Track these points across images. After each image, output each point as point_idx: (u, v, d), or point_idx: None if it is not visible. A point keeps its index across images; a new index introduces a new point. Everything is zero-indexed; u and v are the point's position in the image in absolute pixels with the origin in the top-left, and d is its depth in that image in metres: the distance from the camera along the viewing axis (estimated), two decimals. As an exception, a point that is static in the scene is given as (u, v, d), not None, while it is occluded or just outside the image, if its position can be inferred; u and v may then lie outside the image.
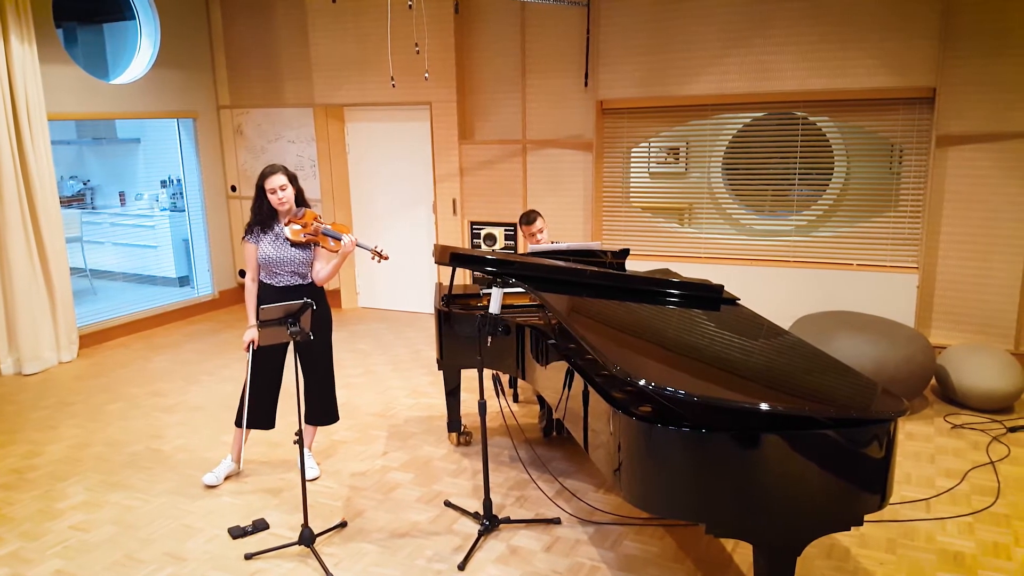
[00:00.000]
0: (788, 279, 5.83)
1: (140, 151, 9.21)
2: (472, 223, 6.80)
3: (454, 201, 6.80)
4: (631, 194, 6.36)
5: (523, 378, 3.80)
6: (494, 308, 3.46)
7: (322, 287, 3.99)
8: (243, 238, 3.90)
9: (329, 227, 3.88)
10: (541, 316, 3.95)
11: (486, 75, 6.56)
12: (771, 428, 2.39)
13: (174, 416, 5.04)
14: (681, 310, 3.51)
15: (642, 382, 2.45)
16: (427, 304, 7.43)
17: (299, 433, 3.36)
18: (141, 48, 7.09)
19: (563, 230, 6.42)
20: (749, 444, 2.38)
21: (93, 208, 9.37)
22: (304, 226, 3.84)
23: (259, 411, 4.01)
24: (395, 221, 7.42)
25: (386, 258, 3.91)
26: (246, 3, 7.27)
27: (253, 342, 3.77)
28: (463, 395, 4.62)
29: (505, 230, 6.64)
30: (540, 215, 4.83)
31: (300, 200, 3.91)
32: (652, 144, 6.20)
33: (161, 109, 7.11)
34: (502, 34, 6.40)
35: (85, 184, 9.57)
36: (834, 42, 5.38)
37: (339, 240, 3.83)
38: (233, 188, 7.83)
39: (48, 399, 5.40)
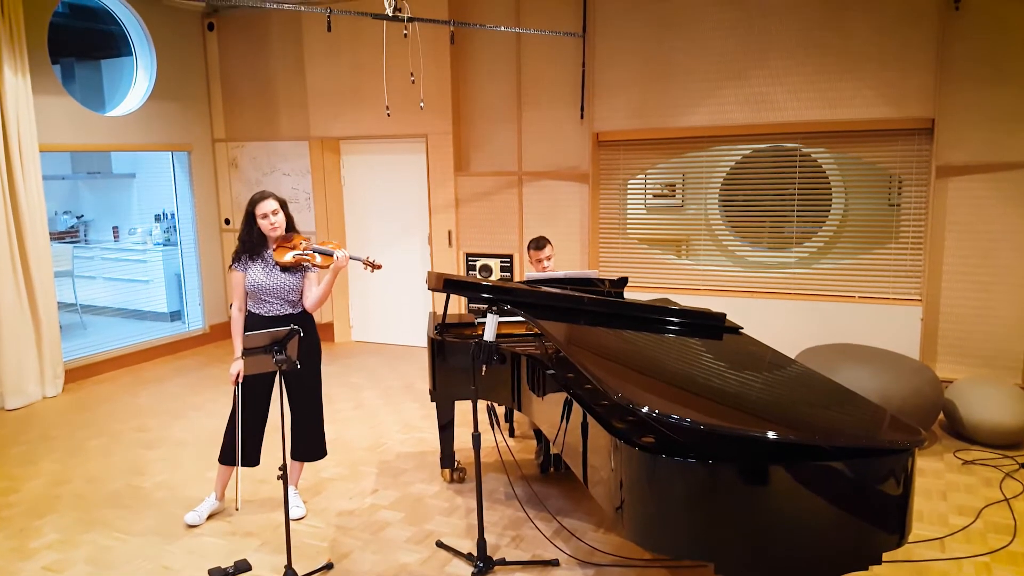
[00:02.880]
0: (788, 311, 5.72)
1: (135, 185, 9.16)
2: (468, 255, 6.71)
3: (450, 233, 6.72)
4: (628, 226, 6.29)
5: (519, 410, 3.66)
6: (489, 335, 3.34)
7: (312, 316, 3.87)
8: (230, 266, 3.80)
9: (319, 245, 3.80)
10: (537, 346, 3.83)
11: (482, 107, 6.53)
12: (779, 460, 2.25)
13: (157, 452, 4.87)
14: (683, 339, 3.39)
15: (644, 409, 2.32)
16: (421, 337, 7.29)
17: (283, 468, 3.21)
18: (137, 81, 7.07)
19: (560, 262, 6.33)
20: (757, 476, 2.25)
21: (86, 243, 9.28)
22: (292, 248, 3.74)
23: (244, 447, 3.86)
24: (390, 254, 7.32)
25: (379, 267, 3.83)
26: (242, 37, 7.28)
27: (239, 374, 3.64)
28: (457, 429, 4.48)
29: (501, 261, 6.54)
30: (550, 242, 4.76)
31: (290, 227, 3.82)
32: (648, 178, 6.14)
33: (156, 142, 7.07)
34: (498, 66, 6.39)
35: (79, 219, 9.49)
36: (831, 73, 5.36)
37: (330, 256, 3.72)
38: (227, 221, 7.75)
39: (29, 434, 5.23)
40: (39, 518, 3.98)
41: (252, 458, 3.89)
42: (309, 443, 3.97)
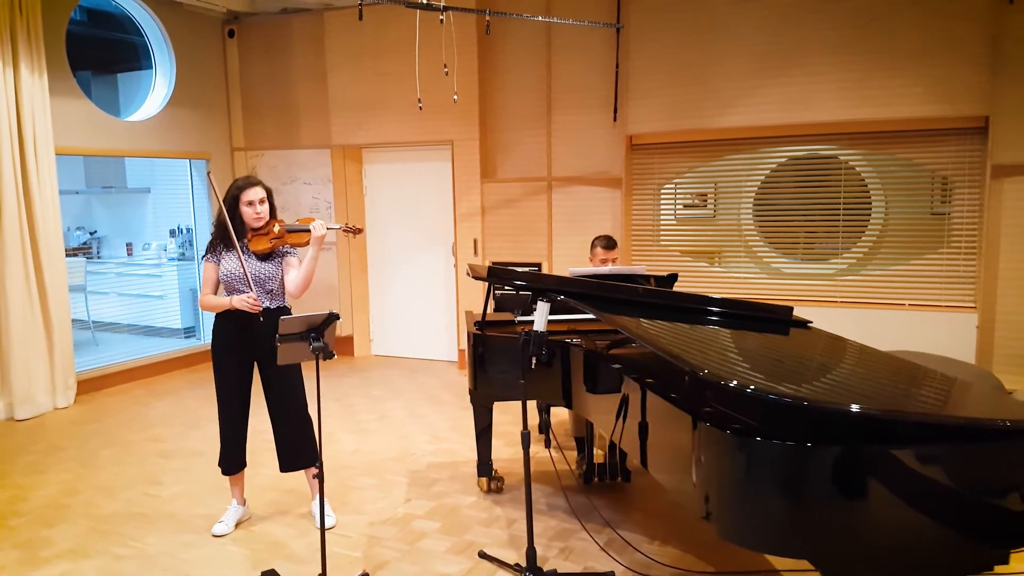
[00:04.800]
0: (836, 318, 5.44)
1: (150, 200, 8.99)
2: (494, 264, 6.48)
3: (475, 241, 6.50)
4: (661, 233, 6.06)
5: (570, 407, 3.37)
6: (539, 325, 3.10)
7: (289, 311, 3.58)
8: (204, 256, 3.54)
9: (294, 223, 3.56)
10: (584, 341, 3.56)
11: (509, 111, 6.36)
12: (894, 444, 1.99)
13: (172, 462, 4.60)
14: (750, 332, 3.14)
15: (734, 383, 2.06)
16: (443, 350, 7.03)
17: (319, 466, 2.95)
18: (156, 87, 6.94)
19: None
20: (876, 462, 1.98)
21: (99, 259, 9.09)
22: (267, 234, 3.50)
23: (230, 453, 3.61)
24: (412, 264, 7.11)
25: (360, 230, 3.64)
26: (263, 44, 7.16)
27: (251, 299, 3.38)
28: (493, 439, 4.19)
29: (530, 270, 6.30)
30: (617, 244, 4.56)
31: (271, 216, 3.57)
32: (679, 187, 5.92)
33: (173, 149, 6.90)
34: (527, 69, 6.23)
35: (92, 235, 9.32)
36: (877, 70, 5.17)
37: (308, 232, 3.48)
38: (244, 232, 7.54)
39: (39, 443, 4.97)
40: (48, 527, 3.70)
41: (239, 461, 3.65)
42: (300, 448, 3.63)
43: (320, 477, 2.96)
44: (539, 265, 6.30)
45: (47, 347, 5.73)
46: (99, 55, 8.13)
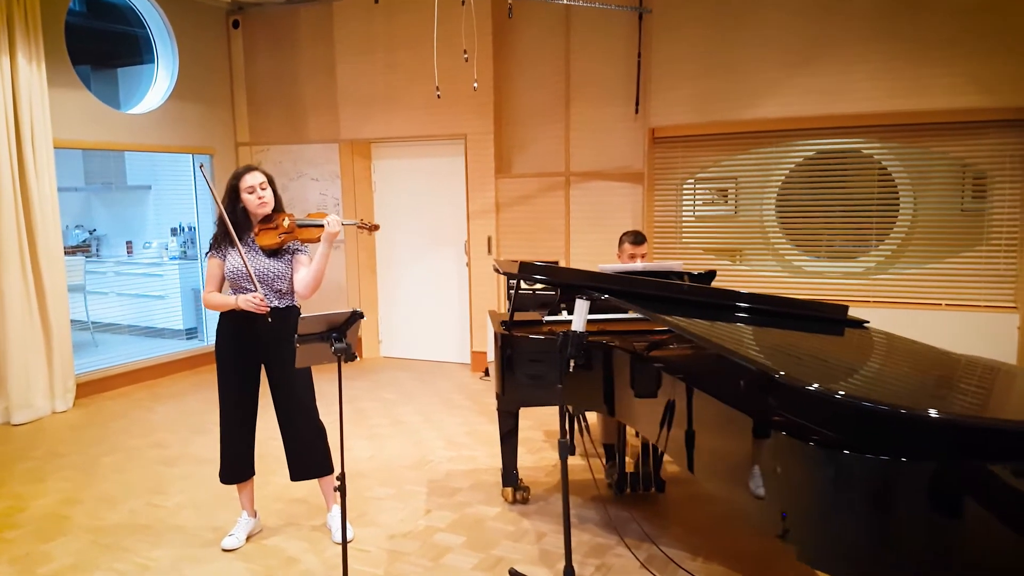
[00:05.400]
0: (869, 319, 5.22)
1: (150, 198, 8.75)
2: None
3: (489, 239, 6.27)
4: (683, 229, 5.83)
5: (612, 413, 3.13)
6: (579, 326, 2.87)
7: (299, 311, 3.34)
8: (207, 253, 3.30)
9: (305, 218, 3.32)
10: (620, 342, 3.33)
11: (526, 104, 6.13)
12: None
13: (177, 469, 4.36)
14: (804, 332, 2.91)
15: (814, 386, 1.84)
16: (455, 352, 6.80)
17: (341, 479, 2.72)
18: (157, 79, 6.70)
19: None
20: (974, 477, 1.75)
21: (98, 257, 8.85)
22: (276, 228, 3.26)
23: (237, 460, 3.38)
24: (423, 263, 6.87)
25: (376, 227, 3.38)
26: (269, 35, 6.93)
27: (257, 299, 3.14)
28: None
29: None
30: (647, 239, 4.33)
31: (277, 207, 3.33)
32: (701, 183, 5.69)
33: (176, 143, 6.66)
34: (544, 60, 6.00)
35: (91, 233, 9.08)
36: (911, 60, 4.94)
37: (320, 227, 3.23)
38: (249, 230, 7.31)
39: (37, 450, 4.73)
40: (47, 541, 3.47)
41: (247, 470, 3.42)
42: (311, 457, 3.40)
43: (341, 489, 2.73)
44: (556, 264, 6.07)
45: (45, 349, 5.50)
46: (98, 48, 7.89)
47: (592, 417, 5.04)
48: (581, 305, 2.89)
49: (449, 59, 5.76)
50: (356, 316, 2.72)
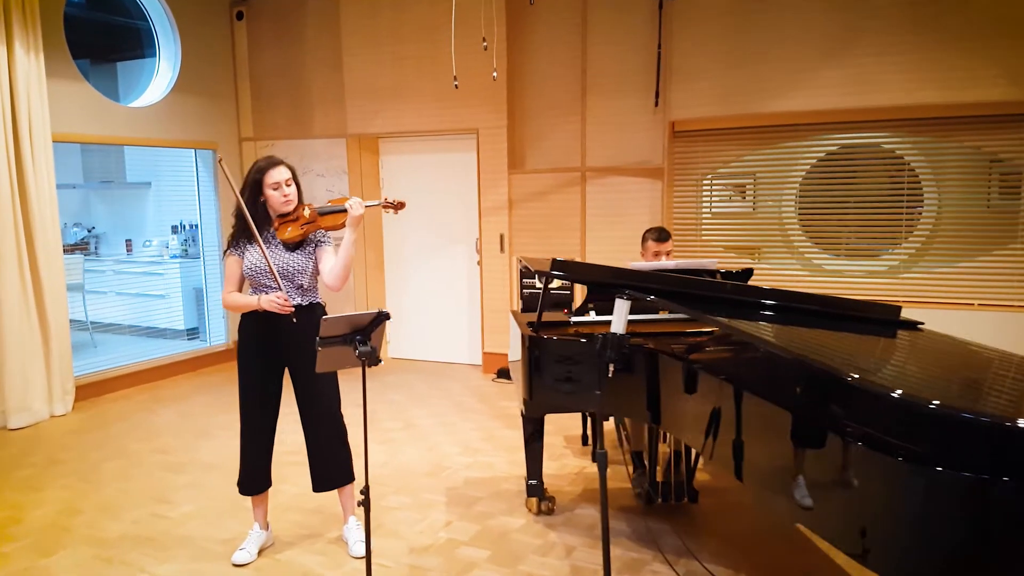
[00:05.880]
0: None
1: (150, 195, 8.54)
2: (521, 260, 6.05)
3: (501, 237, 6.08)
4: (703, 226, 5.64)
5: (658, 422, 2.89)
6: (619, 327, 2.68)
7: (324, 309, 3.16)
8: (225, 251, 3.11)
9: (326, 205, 3.12)
10: (654, 343, 3.14)
11: (540, 97, 5.94)
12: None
13: (183, 476, 4.17)
14: (860, 334, 2.72)
15: (897, 393, 1.65)
16: (466, 353, 6.61)
17: (365, 492, 2.53)
18: (159, 72, 6.50)
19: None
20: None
21: (97, 256, 8.65)
22: (298, 219, 3.06)
23: (257, 470, 3.19)
24: (432, 262, 6.68)
25: (402, 204, 3.17)
26: (273, 27, 6.72)
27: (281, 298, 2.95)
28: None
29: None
30: (671, 236, 4.15)
31: (299, 199, 3.14)
32: (717, 180, 5.51)
33: (178, 138, 6.46)
34: (559, 51, 5.80)
35: (89, 231, 8.88)
36: (947, 50, 4.76)
37: (344, 212, 3.04)
38: (252, 227, 7.10)
39: (35, 456, 4.53)
40: (47, 555, 3.27)
41: (263, 481, 3.23)
42: (337, 466, 3.22)
43: (365, 504, 2.54)
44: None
45: (43, 350, 5.30)
46: (97, 42, 7.67)
47: (611, 424, 4.86)
48: (621, 305, 2.70)
49: (461, 50, 5.57)
50: (382, 317, 2.53)
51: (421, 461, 4.37)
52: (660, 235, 4.15)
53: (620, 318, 2.69)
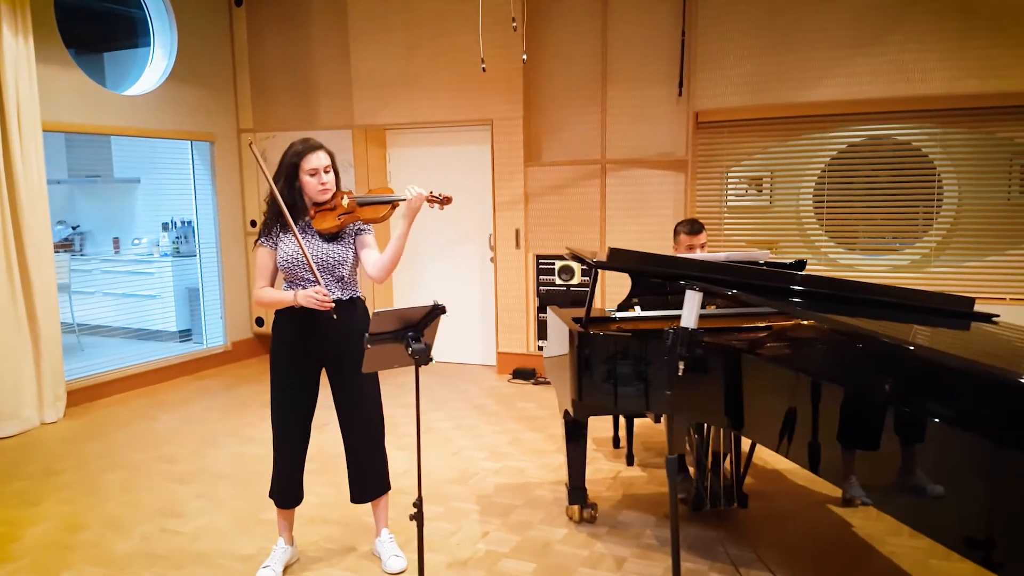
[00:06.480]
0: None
1: (139, 192, 8.21)
2: (538, 257, 5.82)
3: (517, 232, 5.84)
4: (725, 220, 5.43)
5: (738, 427, 2.64)
6: (690, 322, 2.45)
7: (364, 305, 2.92)
8: (256, 242, 2.85)
9: (366, 195, 2.85)
10: (727, 339, 2.90)
11: (558, 87, 5.70)
12: None
13: (192, 487, 3.88)
14: (945, 328, 2.52)
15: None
16: (480, 354, 6.35)
17: (418, 505, 2.27)
18: (154, 59, 6.18)
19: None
20: None
21: (82, 255, 8.29)
22: (334, 208, 2.80)
23: (285, 482, 2.94)
24: (444, 258, 6.42)
25: (449, 200, 2.84)
26: (275, 13, 6.43)
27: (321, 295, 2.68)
28: (561, 457, 3.47)
29: (581, 264, 5.66)
30: (704, 228, 3.94)
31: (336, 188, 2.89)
32: (735, 172, 5.32)
33: (173, 128, 6.15)
34: (578, 38, 5.57)
35: (74, 229, 8.51)
36: (987, 38, 4.57)
37: (388, 205, 2.77)
38: (253, 223, 6.82)
39: (29, 467, 4.22)
40: (50, 576, 2.98)
41: (294, 495, 2.97)
42: (373, 475, 2.98)
43: (418, 517, 2.29)
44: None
45: (33, 353, 4.98)
46: (86, 29, 7.33)
47: (645, 423, 4.64)
48: (693, 298, 2.47)
49: (476, 37, 5.31)
50: (437, 311, 2.29)
51: (446, 467, 4.12)
52: (693, 227, 3.94)
53: (691, 312, 2.46)
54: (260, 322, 6.85)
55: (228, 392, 5.73)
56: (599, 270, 3.02)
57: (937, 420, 1.84)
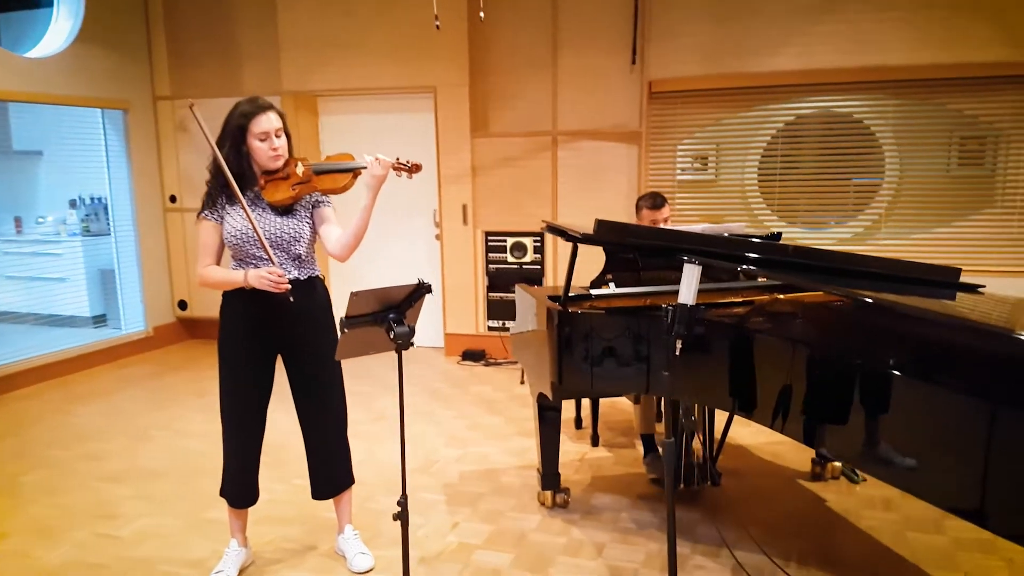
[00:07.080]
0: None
1: (42, 166, 7.52)
2: (487, 234, 5.61)
3: (464, 208, 5.60)
4: (678, 193, 5.35)
5: (746, 409, 2.43)
6: (688, 298, 2.31)
7: (323, 284, 2.67)
8: (199, 215, 2.53)
9: (323, 162, 2.57)
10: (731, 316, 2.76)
11: (506, 52, 5.46)
12: None
13: (126, 487, 3.53)
14: (932, 298, 2.47)
15: None
16: (427, 335, 6.09)
17: (402, 503, 2.06)
18: (59, 18, 5.60)
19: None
20: None
21: (-22, 236, 7.55)
22: (287, 177, 2.52)
23: (245, 479, 2.67)
24: (386, 236, 6.11)
25: (418, 167, 2.58)
26: (195, -29, 5.93)
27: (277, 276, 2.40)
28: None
29: (533, 240, 5.48)
30: (667, 201, 3.78)
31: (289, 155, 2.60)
32: (687, 144, 5.24)
33: (82, 95, 5.60)
34: (528, 3, 5.34)
35: (-33, 208, 7.74)
36: (946, 7, 4.59)
37: (349, 173, 2.50)
38: (172, 199, 6.33)
39: (-71, 472, 3.76)
40: (-34, 598, 2.62)
41: (249, 494, 2.71)
42: (340, 469, 2.78)
43: (403, 516, 2.08)
44: (543, 235, 5.49)
45: (-71, 343, 4.45)
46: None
47: (619, 402, 4.52)
48: (691, 271, 2.32)
49: (421, -1, 5.02)
50: (422, 290, 2.06)
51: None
52: (655, 202, 3.80)
53: (690, 287, 2.31)
54: (183, 305, 6.39)
55: (153, 381, 5.30)
56: (578, 245, 2.83)
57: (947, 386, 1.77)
